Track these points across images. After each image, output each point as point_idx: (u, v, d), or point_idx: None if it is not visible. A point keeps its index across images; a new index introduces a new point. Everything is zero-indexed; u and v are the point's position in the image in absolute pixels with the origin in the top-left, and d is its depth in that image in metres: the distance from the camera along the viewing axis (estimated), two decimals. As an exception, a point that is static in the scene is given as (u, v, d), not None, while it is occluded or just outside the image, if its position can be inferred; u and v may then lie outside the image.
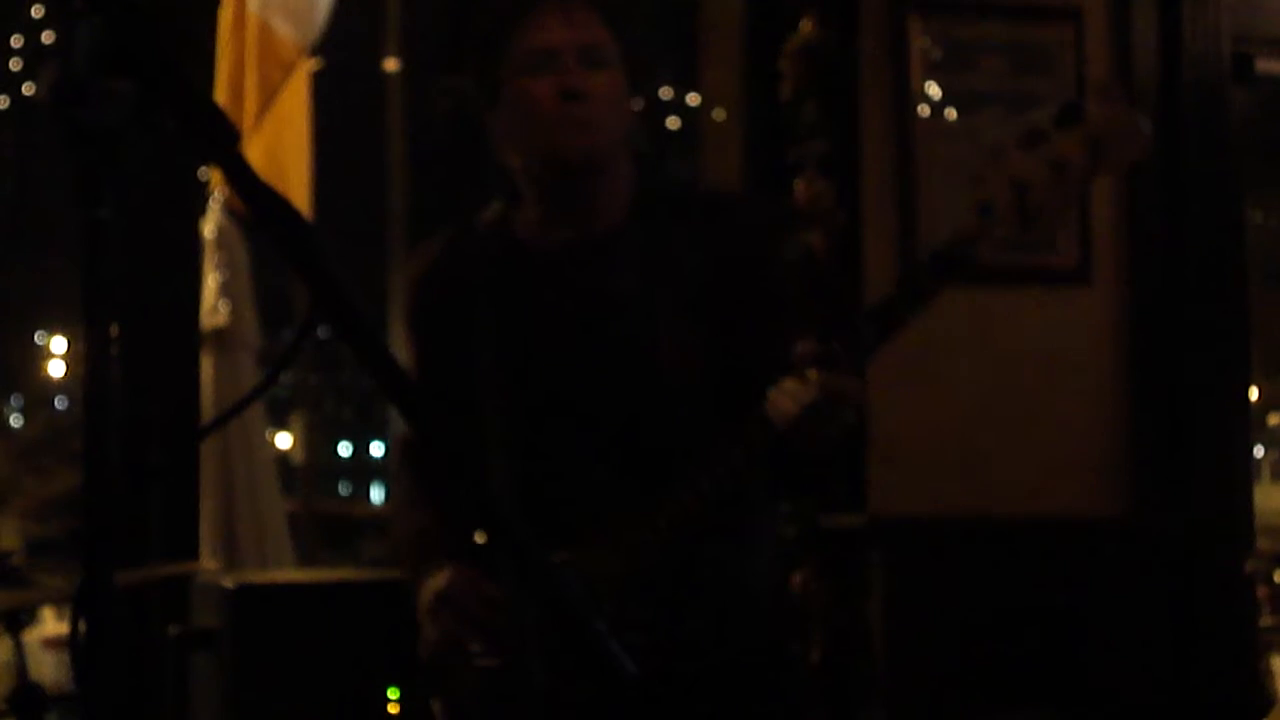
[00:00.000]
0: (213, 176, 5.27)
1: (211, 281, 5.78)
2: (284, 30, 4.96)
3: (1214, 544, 4.56)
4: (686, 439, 2.42)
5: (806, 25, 4.33)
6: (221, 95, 4.99)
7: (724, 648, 2.47)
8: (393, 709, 3.03)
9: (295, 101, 5.18)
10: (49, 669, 6.67)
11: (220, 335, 5.81)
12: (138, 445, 4.28)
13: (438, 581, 2.44)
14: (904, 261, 4.47)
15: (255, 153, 5.00)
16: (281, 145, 5.11)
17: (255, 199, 1.50)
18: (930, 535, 4.44)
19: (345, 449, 28.60)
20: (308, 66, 5.21)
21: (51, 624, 8.01)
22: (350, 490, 26.75)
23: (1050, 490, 4.52)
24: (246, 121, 4.92)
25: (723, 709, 2.48)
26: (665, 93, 9.81)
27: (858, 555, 4.35)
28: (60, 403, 20.57)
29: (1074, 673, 4.40)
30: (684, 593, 2.44)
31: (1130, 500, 4.60)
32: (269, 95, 4.95)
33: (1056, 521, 4.51)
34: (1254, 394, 5.27)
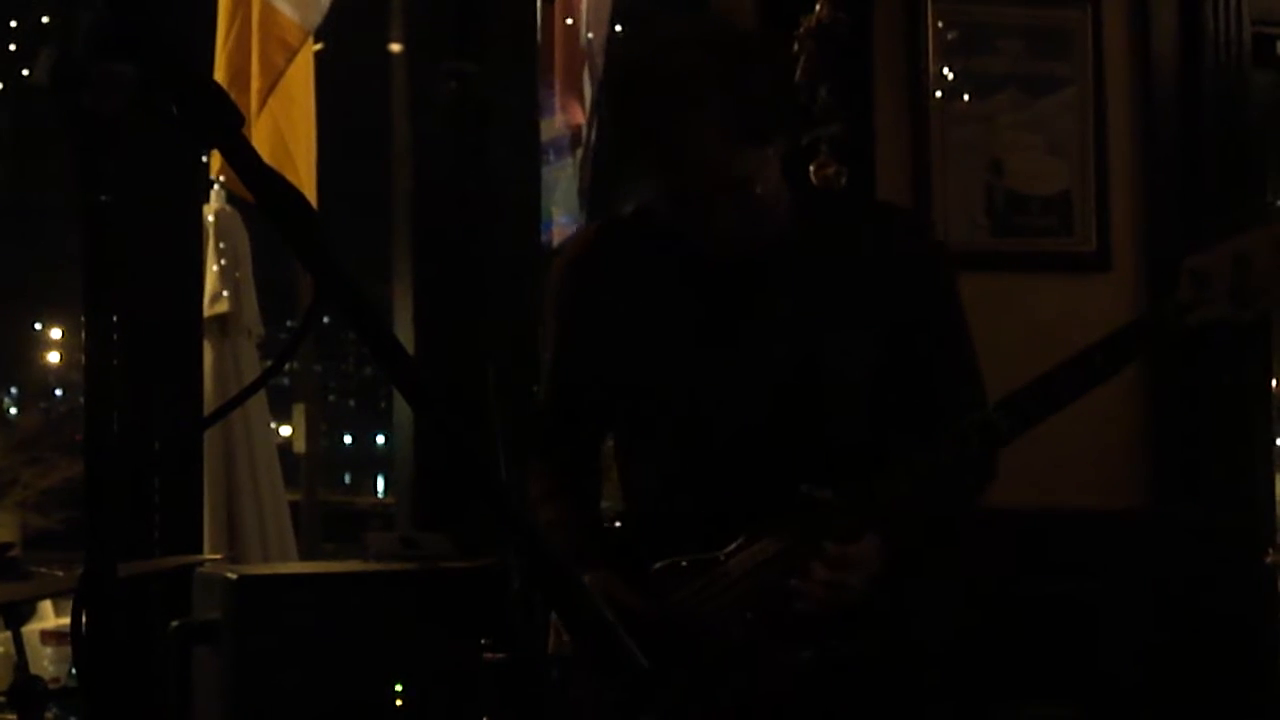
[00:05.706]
0: (214, 162, 5.22)
1: (213, 268, 5.73)
2: (287, 11, 4.90)
3: (1233, 536, 4.50)
4: (847, 445, 2.49)
5: (820, 6, 4.27)
6: (222, 77, 4.93)
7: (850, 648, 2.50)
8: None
9: (300, 84, 5.13)
10: (49, 662, 6.64)
11: (222, 322, 5.76)
12: (139, 435, 4.23)
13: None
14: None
15: (261, 136, 4.95)
16: (289, 127, 5.06)
17: (258, 183, 1.48)
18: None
19: (349, 439, 28.70)
20: (311, 49, 5.16)
21: (51, 616, 7.99)
22: (353, 480, 26.86)
23: (1067, 480, 4.45)
24: (251, 104, 4.87)
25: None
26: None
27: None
28: (58, 392, 20.55)
29: (1089, 667, 4.34)
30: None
31: (1148, 491, 4.54)
32: (273, 78, 4.90)
33: (1073, 513, 4.44)
34: (1274, 384, 5.20)
